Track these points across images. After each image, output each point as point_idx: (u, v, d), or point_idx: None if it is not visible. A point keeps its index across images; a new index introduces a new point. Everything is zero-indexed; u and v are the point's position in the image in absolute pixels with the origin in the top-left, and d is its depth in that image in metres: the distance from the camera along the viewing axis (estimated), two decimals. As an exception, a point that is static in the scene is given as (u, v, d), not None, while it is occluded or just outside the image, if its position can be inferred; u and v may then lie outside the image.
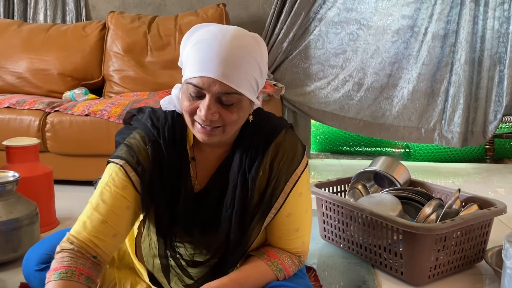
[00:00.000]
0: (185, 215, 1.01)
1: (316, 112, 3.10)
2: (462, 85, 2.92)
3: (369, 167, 1.85)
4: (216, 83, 0.87)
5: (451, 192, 1.68)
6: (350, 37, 3.04)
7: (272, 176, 1.00)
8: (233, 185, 1.00)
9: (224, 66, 0.87)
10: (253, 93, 0.94)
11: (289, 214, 1.04)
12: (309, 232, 1.12)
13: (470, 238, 1.48)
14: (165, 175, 0.99)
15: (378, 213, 1.45)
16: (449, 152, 3.24)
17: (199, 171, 1.04)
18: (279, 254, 1.07)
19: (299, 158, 1.02)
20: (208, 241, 1.04)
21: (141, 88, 2.80)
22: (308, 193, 1.08)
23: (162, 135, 0.99)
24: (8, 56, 2.92)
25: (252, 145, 0.99)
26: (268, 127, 1.02)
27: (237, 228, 1.00)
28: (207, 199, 1.03)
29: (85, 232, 0.96)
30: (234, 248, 1.03)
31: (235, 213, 1.00)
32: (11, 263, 1.52)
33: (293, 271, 1.09)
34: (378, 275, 1.50)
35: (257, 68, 0.92)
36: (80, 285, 0.91)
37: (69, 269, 0.92)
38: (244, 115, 0.96)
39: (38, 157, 1.88)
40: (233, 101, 0.91)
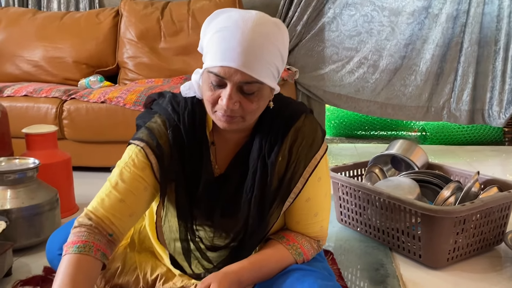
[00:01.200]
0: (205, 199, 1.02)
1: (331, 95, 3.09)
2: (471, 65, 2.92)
3: (386, 151, 1.83)
4: (237, 73, 0.87)
5: (470, 175, 1.66)
6: (364, 18, 3.00)
7: (291, 161, 1.00)
8: (253, 170, 1.00)
9: (246, 55, 0.86)
10: (273, 80, 0.94)
11: (308, 198, 1.05)
12: (328, 217, 1.12)
13: (489, 221, 1.47)
14: (185, 160, 1.00)
15: (396, 196, 1.45)
16: (466, 135, 3.20)
17: (219, 156, 1.05)
18: (298, 238, 1.08)
19: (319, 143, 1.02)
20: (227, 225, 1.05)
21: (156, 75, 2.80)
22: (327, 178, 1.08)
23: (182, 120, 1.00)
24: (24, 44, 2.95)
25: (272, 130, 1.00)
26: (288, 112, 1.02)
27: (256, 213, 1.01)
28: (227, 183, 1.03)
29: (103, 210, 0.97)
30: (253, 232, 1.04)
31: (254, 198, 1.00)
32: (34, 247, 1.56)
33: (311, 255, 1.09)
34: (396, 258, 1.50)
35: (278, 56, 0.92)
36: (96, 260, 0.93)
37: (86, 244, 0.93)
38: (264, 103, 0.96)
39: (57, 144, 1.90)
40: (254, 90, 0.91)
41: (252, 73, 0.87)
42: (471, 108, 2.98)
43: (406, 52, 3.00)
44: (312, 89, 3.10)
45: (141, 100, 2.31)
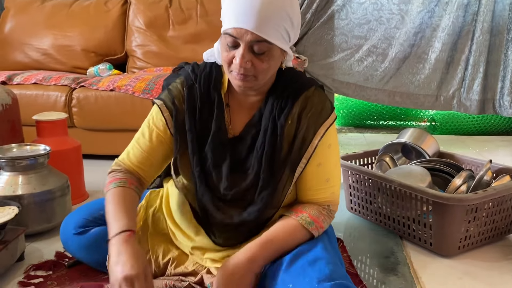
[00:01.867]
0: (217, 157, 1.07)
1: (340, 84, 3.07)
2: (482, 54, 2.88)
3: (397, 139, 1.82)
4: (248, 33, 0.96)
5: (482, 164, 1.64)
6: (374, 6, 2.96)
7: (300, 126, 1.05)
8: (264, 129, 1.06)
9: (255, 18, 0.94)
10: (284, 42, 1.00)
11: (319, 164, 1.08)
12: (339, 185, 1.13)
13: (501, 210, 1.46)
14: (199, 116, 1.08)
15: (408, 184, 1.44)
16: (476, 125, 3.17)
17: (234, 118, 1.11)
18: (306, 208, 1.09)
19: (328, 112, 1.08)
20: (236, 181, 1.07)
21: (164, 63, 2.79)
22: (336, 147, 1.11)
23: (199, 80, 1.10)
24: (33, 32, 2.95)
25: (284, 95, 1.06)
26: (300, 82, 1.08)
27: (267, 168, 1.05)
28: (240, 144, 1.08)
29: (129, 161, 1.13)
30: (263, 190, 1.05)
31: (265, 154, 1.05)
32: (46, 233, 1.57)
33: (324, 222, 1.08)
34: (406, 246, 1.50)
35: (286, 18, 0.97)
36: (132, 191, 1.08)
37: (121, 180, 1.08)
38: (275, 64, 1.02)
39: (67, 131, 1.91)
40: (264, 50, 0.97)
41: (261, 34, 0.95)
42: (482, 98, 2.95)
43: (415, 40, 2.96)
44: (321, 77, 3.08)
45: (149, 89, 2.31)
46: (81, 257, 1.28)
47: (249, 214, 1.07)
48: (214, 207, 1.08)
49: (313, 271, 0.95)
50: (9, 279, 1.29)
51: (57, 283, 1.25)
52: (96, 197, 1.94)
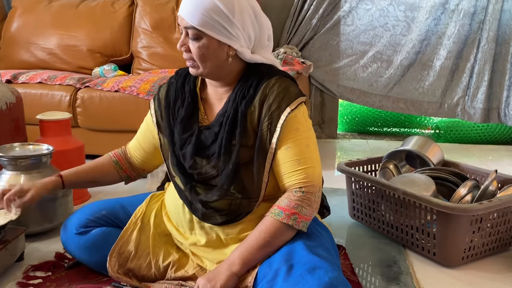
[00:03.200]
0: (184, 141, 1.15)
1: (344, 89, 3.06)
2: (487, 63, 2.88)
3: (402, 147, 1.81)
4: (183, 20, 1.07)
5: (487, 173, 1.63)
6: (380, 13, 2.97)
7: (263, 112, 1.08)
8: (226, 116, 1.11)
9: (187, 5, 1.05)
10: (220, 34, 1.05)
11: (288, 147, 1.08)
12: (316, 168, 1.10)
13: (506, 220, 1.44)
14: (172, 107, 1.19)
15: (412, 192, 1.42)
16: (480, 134, 3.15)
17: (210, 110, 1.18)
18: (277, 202, 1.09)
19: (291, 97, 1.09)
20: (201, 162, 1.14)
21: (169, 65, 2.79)
22: (307, 131, 1.11)
23: (177, 77, 1.22)
24: (39, 32, 2.95)
25: (247, 84, 1.11)
26: (265, 72, 1.13)
27: (225, 151, 1.09)
28: (208, 131, 1.14)
29: (129, 145, 1.36)
30: (223, 170, 1.09)
31: (224, 138, 1.09)
32: (46, 233, 1.57)
33: (298, 208, 1.06)
34: (409, 255, 1.48)
35: (219, 12, 1.03)
36: (109, 159, 1.35)
37: (109, 152, 1.37)
38: (213, 54, 1.07)
39: (71, 131, 1.91)
40: (195, 37, 1.06)
41: (189, 20, 1.05)
42: (486, 107, 2.94)
43: (421, 47, 2.96)
44: (325, 83, 3.07)
45: (154, 90, 2.30)
46: (81, 257, 1.27)
47: (212, 194, 1.11)
48: (186, 184, 1.15)
49: (312, 279, 0.94)
50: (8, 279, 1.28)
51: (56, 285, 1.24)
52: (98, 198, 1.94)
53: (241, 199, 1.11)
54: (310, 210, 1.07)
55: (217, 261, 1.15)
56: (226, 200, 1.11)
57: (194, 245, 1.18)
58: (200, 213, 1.13)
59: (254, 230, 1.07)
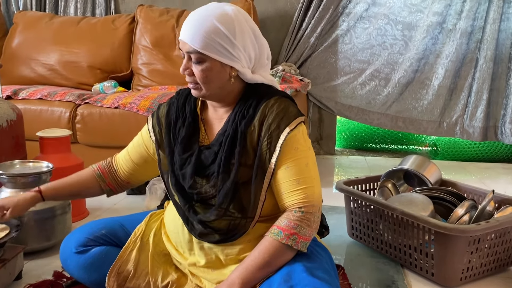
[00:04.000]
0: (183, 161, 1.16)
1: (342, 107, 3.09)
2: (486, 81, 2.91)
3: (400, 166, 1.82)
4: (185, 44, 1.08)
5: (484, 193, 1.64)
6: (378, 32, 3.01)
7: (263, 132, 1.09)
8: (226, 136, 1.12)
9: (189, 30, 1.07)
10: (223, 56, 1.07)
11: (287, 166, 1.08)
12: (315, 187, 1.10)
13: (504, 241, 1.45)
14: (173, 127, 1.20)
15: (410, 212, 1.43)
16: (478, 151, 3.17)
17: (210, 130, 1.19)
18: (276, 222, 1.08)
19: (291, 117, 1.10)
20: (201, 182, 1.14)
21: (169, 82, 2.81)
22: (306, 150, 1.11)
23: (178, 97, 1.23)
24: (40, 48, 2.98)
25: (247, 104, 1.13)
26: (264, 92, 1.14)
27: (224, 170, 1.10)
28: (207, 151, 1.15)
29: (118, 156, 1.35)
30: (221, 188, 1.10)
31: (223, 158, 1.10)
32: (45, 251, 1.57)
33: (297, 228, 1.05)
34: (407, 275, 1.48)
35: (222, 35, 1.05)
36: (92, 172, 1.34)
37: (94, 165, 1.36)
38: (214, 76, 1.09)
39: (70, 148, 1.92)
40: (199, 60, 1.07)
41: (193, 44, 1.06)
42: (485, 125, 2.97)
43: (418, 66, 3.00)
44: (323, 100, 3.10)
45: (154, 107, 2.32)
46: (80, 277, 1.27)
47: (210, 213, 1.11)
48: (185, 203, 1.15)
49: None
50: (6, 298, 1.28)
51: (55, 304, 1.23)
52: (96, 215, 1.94)
53: (240, 218, 1.11)
54: (309, 230, 1.07)
55: (216, 282, 1.15)
56: (225, 220, 1.11)
57: (193, 265, 1.18)
58: (197, 232, 1.14)
59: (253, 250, 1.07)
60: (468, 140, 3.06)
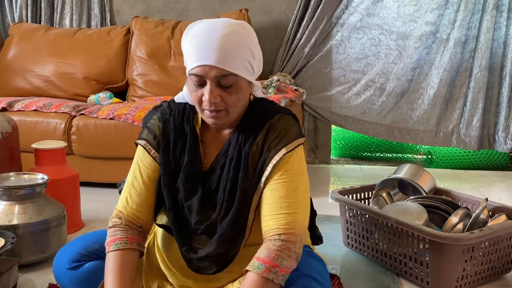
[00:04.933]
0: (188, 190, 1.09)
1: (337, 116, 3.10)
2: (481, 90, 2.93)
3: (394, 175, 1.83)
4: (212, 69, 0.98)
5: (478, 201, 1.65)
6: (372, 42, 3.03)
7: (264, 151, 1.06)
8: (230, 158, 1.07)
9: (217, 52, 0.97)
10: (249, 74, 1.03)
11: (274, 188, 1.03)
12: (300, 215, 1.02)
13: (498, 249, 1.46)
14: (172, 150, 1.10)
15: (404, 221, 1.44)
16: (472, 159, 3.19)
17: (208, 152, 1.13)
18: (256, 254, 1.01)
19: (290, 138, 1.06)
20: (208, 214, 1.08)
21: (164, 93, 2.83)
22: (298, 174, 1.05)
23: (174, 114, 1.13)
24: (36, 60, 2.99)
25: (250, 124, 1.08)
26: (267, 110, 1.10)
27: (229, 198, 1.05)
28: (211, 176, 1.09)
29: (129, 207, 1.12)
30: (224, 216, 1.05)
31: (228, 182, 1.05)
32: (40, 263, 1.56)
33: (278, 260, 0.97)
34: (402, 284, 1.49)
35: (247, 49, 1.01)
36: (133, 250, 1.10)
37: (122, 240, 1.09)
38: (244, 96, 1.05)
39: (65, 160, 1.92)
40: (230, 83, 1.00)
41: (225, 67, 0.98)
42: (480, 134, 2.98)
43: (413, 75, 3.02)
44: (318, 110, 3.12)
45: (149, 118, 2.33)
46: (74, 292, 1.26)
47: (210, 245, 1.06)
48: (182, 244, 1.09)
49: None
50: (0, 312, 1.27)
51: (49, 317, 1.23)
52: (91, 227, 1.93)
53: (234, 244, 1.07)
54: (290, 262, 0.99)
55: None
56: (223, 247, 1.06)
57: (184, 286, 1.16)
58: (195, 267, 1.09)
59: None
60: (464, 149, 3.06)
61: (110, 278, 1.06)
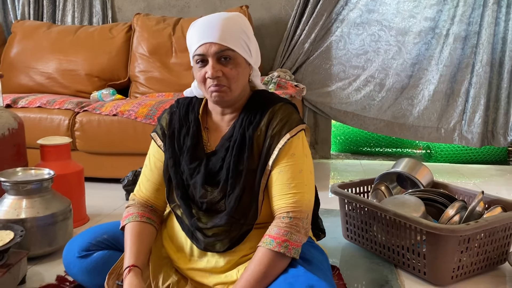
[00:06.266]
0: (192, 170, 1.18)
1: (338, 112, 3.13)
2: (483, 86, 2.93)
3: (392, 169, 1.87)
4: (212, 46, 1.10)
5: (475, 194, 1.69)
6: (371, 38, 3.06)
7: (267, 136, 1.15)
8: (234, 141, 1.16)
9: (216, 31, 1.10)
10: (245, 53, 1.14)
11: (281, 170, 1.13)
12: (306, 194, 1.12)
13: (493, 240, 1.49)
14: (177, 136, 1.22)
15: (402, 214, 1.48)
16: (470, 154, 3.23)
17: (212, 137, 1.22)
18: (267, 231, 1.10)
19: (293, 124, 1.15)
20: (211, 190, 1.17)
21: (166, 89, 2.86)
22: (302, 157, 1.15)
23: (180, 106, 1.26)
24: (38, 57, 3.02)
25: (253, 110, 1.18)
26: (269, 98, 1.21)
27: (234, 175, 1.13)
28: (214, 157, 1.18)
29: (141, 191, 1.28)
30: (231, 193, 1.13)
31: (232, 162, 1.14)
32: (47, 256, 1.60)
33: (288, 235, 1.07)
34: (400, 274, 1.53)
35: (242, 32, 1.13)
36: (143, 223, 1.22)
37: (134, 214, 1.23)
38: (243, 72, 1.14)
39: (70, 155, 1.95)
40: (229, 56, 1.11)
41: (223, 42, 1.10)
42: (483, 130, 2.96)
43: (413, 71, 3.03)
44: (318, 105, 3.15)
45: (152, 114, 2.36)
46: (83, 280, 1.30)
47: (220, 219, 1.14)
48: (191, 216, 1.17)
49: None
50: (11, 302, 1.31)
51: (58, 307, 1.27)
52: (96, 221, 1.97)
53: (242, 224, 1.14)
54: (299, 236, 1.09)
55: (214, 284, 1.18)
56: (229, 225, 1.14)
57: (192, 270, 1.21)
58: (202, 244, 1.16)
59: (249, 264, 1.08)
60: (467, 146, 3.04)
61: (128, 243, 1.18)
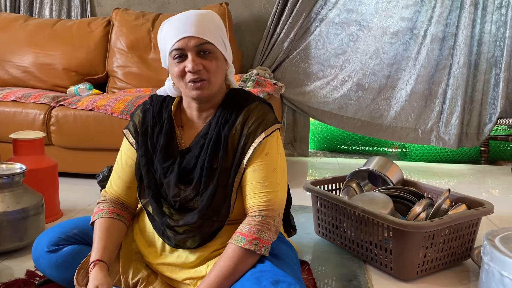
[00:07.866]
0: (166, 169, 1.18)
1: (315, 111, 3.17)
2: (460, 88, 2.97)
3: (364, 166, 1.91)
4: (191, 39, 1.10)
5: (442, 192, 1.74)
6: (350, 38, 3.09)
7: (242, 135, 1.16)
8: (209, 139, 1.17)
9: (194, 26, 1.11)
10: (223, 48, 1.15)
11: (255, 169, 1.15)
12: (278, 193, 1.15)
13: (458, 237, 1.54)
14: (150, 134, 1.21)
15: (370, 210, 1.51)
16: (444, 153, 3.31)
17: (187, 135, 1.22)
18: (238, 229, 1.12)
19: (268, 123, 1.17)
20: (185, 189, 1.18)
21: (144, 84, 2.85)
22: (276, 156, 1.17)
23: (153, 104, 1.25)
24: (14, 50, 2.98)
25: (229, 108, 1.19)
26: (245, 97, 1.22)
27: (207, 174, 1.14)
28: (188, 155, 1.18)
29: (112, 188, 1.29)
30: (204, 191, 1.14)
31: (206, 161, 1.15)
32: (18, 251, 1.59)
33: (259, 233, 1.09)
34: (368, 270, 1.56)
35: (218, 28, 1.15)
36: (112, 219, 1.23)
37: (104, 210, 1.24)
38: (222, 66, 1.16)
39: (44, 150, 1.94)
40: (209, 49, 1.12)
41: (202, 36, 1.11)
42: (459, 132, 3.00)
43: (390, 71, 3.06)
44: (297, 104, 3.18)
45: (128, 109, 2.36)
46: (52, 275, 1.30)
47: (192, 217, 1.15)
48: (162, 214, 1.18)
49: None
50: (-22, 297, 1.30)
51: (27, 302, 1.27)
52: (70, 216, 1.97)
53: (214, 221, 1.16)
54: (270, 234, 1.12)
55: (183, 278, 1.19)
56: (201, 222, 1.15)
57: (162, 264, 1.22)
58: (173, 241, 1.17)
59: (218, 260, 1.10)
60: (444, 147, 3.07)
61: (97, 238, 1.19)
